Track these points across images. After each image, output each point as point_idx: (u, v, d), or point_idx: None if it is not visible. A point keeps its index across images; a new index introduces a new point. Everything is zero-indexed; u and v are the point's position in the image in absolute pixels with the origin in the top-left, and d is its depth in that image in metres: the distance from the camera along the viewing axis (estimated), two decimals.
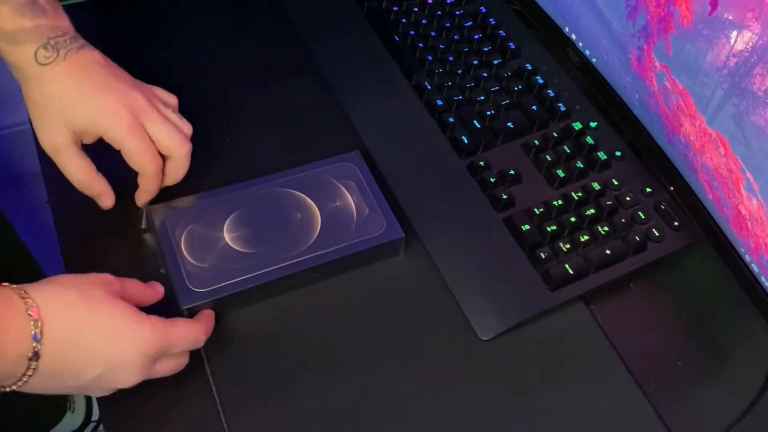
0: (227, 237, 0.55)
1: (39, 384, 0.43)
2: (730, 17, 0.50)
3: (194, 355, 0.52)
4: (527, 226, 0.59)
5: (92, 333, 0.44)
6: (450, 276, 0.57)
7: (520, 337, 0.56)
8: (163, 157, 0.55)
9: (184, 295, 0.52)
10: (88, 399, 1.19)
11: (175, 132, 0.54)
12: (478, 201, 0.61)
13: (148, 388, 0.49)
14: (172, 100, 0.57)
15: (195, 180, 0.58)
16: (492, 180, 0.62)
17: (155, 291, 0.52)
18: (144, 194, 0.56)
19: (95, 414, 1.19)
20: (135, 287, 0.50)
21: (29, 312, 0.42)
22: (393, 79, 0.70)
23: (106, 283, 0.47)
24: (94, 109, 0.52)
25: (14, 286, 0.43)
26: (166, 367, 0.49)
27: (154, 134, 0.53)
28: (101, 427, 1.16)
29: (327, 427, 0.51)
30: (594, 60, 0.67)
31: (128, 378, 0.46)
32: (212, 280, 0.52)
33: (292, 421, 0.51)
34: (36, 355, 0.42)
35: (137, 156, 0.53)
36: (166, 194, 0.57)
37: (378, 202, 0.58)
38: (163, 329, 0.47)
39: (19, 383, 0.42)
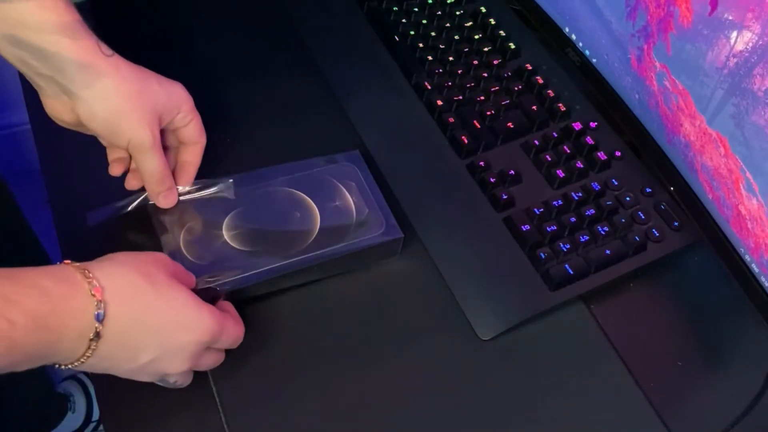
0: (226, 235, 0.55)
1: (94, 365, 0.43)
2: (730, 17, 0.50)
3: None
4: (527, 226, 0.59)
5: (155, 316, 0.44)
6: (450, 276, 0.57)
7: (520, 337, 0.56)
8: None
9: None
10: (89, 400, 1.19)
11: None
12: (478, 201, 0.61)
13: (148, 388, 0.49)
14: None
15: (195, 179, 0.58)
16: (492, 180, 0.62)
17: (191, 277, 0.51)
18: (193, 168, 0.57)
19: (95, 414, 1.19)
20: (183, 270, 0.50)
21: (92, 292, 0.41)
22: (393, 79, 0.70)
23: (165, 265, 0.46)
24: (174, 90, 0.53)
25: (77, 264, 0.42)
26: (209, 360, 0.49)
27: None
28: (101, 427, 1.16)
29: (327, 426, 0.51)
30: (594, 60, 0.67)
31: (177, 365, 0.46)
32: (210, 278, 0.52)
33: (292, 421, 0.51)
34: (97, 335, 0.41)
35: (201, 127, 0.56)
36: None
37: (377, 202, 0.58)
38: (221, 319, 0.47)
39: (77, 363, 0.42)
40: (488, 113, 0.66)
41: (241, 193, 0.57)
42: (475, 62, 0.70)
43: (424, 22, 0.73)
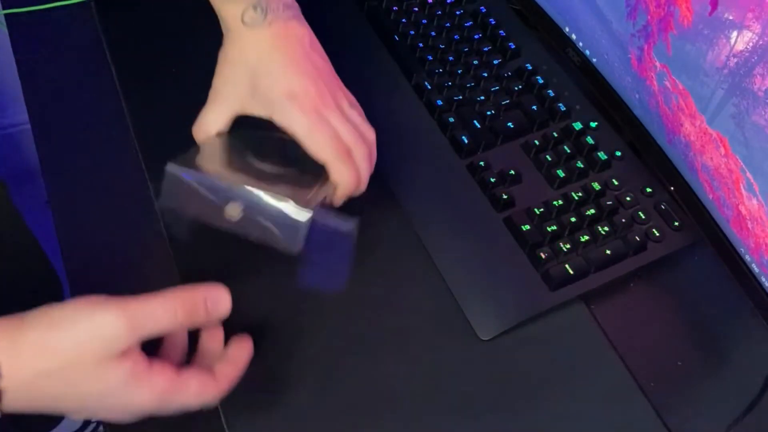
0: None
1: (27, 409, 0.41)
2: (731, 17, 0.50)
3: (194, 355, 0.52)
4: (527, 226, 0.59)
5: (69, 401, 0.41)
6: (450, 276, 0.57)
7: (520, 337, 0.56)
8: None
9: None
10: None
11: (353, 131, 0.52)
12: (478, 201, 0.61)
13: None
14: (357, 108, 0.55)
15: None
16: (492, 180, 0.62)
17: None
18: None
19: None
20: (156, 323, 0.43)
21: None
22: (393, 79, 0.70)
23: (109, 340, 0.41)
24: (273, 87, 0.51)
25: None
26: (178, 406, 0.45)
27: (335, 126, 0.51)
28: (101, 428, 1.16)
29: (326, 427, 0.51)
30: (594, 60, 0.67)
31: (125, 420, 0.43)
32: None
33: (292, 422, 0.51)
34: None
35: (307, 141, 0.50)
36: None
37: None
38: (165, 393, 0.42)
39: None
40: (488, 113, 0.66)
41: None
42: (475, 62, 0.70)
43: (424, 21, 0.73)
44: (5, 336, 0.40)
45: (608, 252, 0.58)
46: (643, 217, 0.61)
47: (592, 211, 0.60)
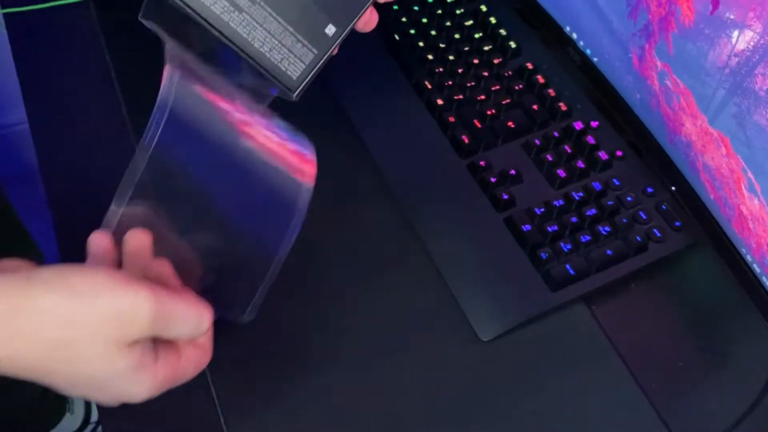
0: None
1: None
2: (732, 16, 0.49)
3: None
4: (528, 227, 0.58)
5: (65, 377, 0.37)
6: (450, 276, 0.57)
7: (520, 338, 0.55)
8: None
9: None
10: (87, 401, 1.19)
11: None
12: (479, 201, 0.61)
13: None
14: None
15: None
16: (492, 180, 0.61)
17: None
18: None
19: (94, 415, 1.19)
20: (181, 326, 0.39)
21: None
22: (393, 79, 0.69)
23: (129, 326, 0.37)
24: None
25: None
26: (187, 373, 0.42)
27: None
28: (100, 428, 1.16)
29: (326, 427, 0.51)
30: (595, 59, 0.67)
31: (110, 404, 0.41)
32: None
33: (292, 422, 0.50)
34: None
35: None
36: None
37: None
38: (165, 383, 0.40)
39: None
40: (489, 113, 0.66)
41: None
42: (476, 61, 0.69)
43: (424, 20, 0.72)
44: (6, 300, 0.35)
45: (609, 252, 0.58)
46: (645, 217, 0.61)
47: (593, 211, 0.60)
